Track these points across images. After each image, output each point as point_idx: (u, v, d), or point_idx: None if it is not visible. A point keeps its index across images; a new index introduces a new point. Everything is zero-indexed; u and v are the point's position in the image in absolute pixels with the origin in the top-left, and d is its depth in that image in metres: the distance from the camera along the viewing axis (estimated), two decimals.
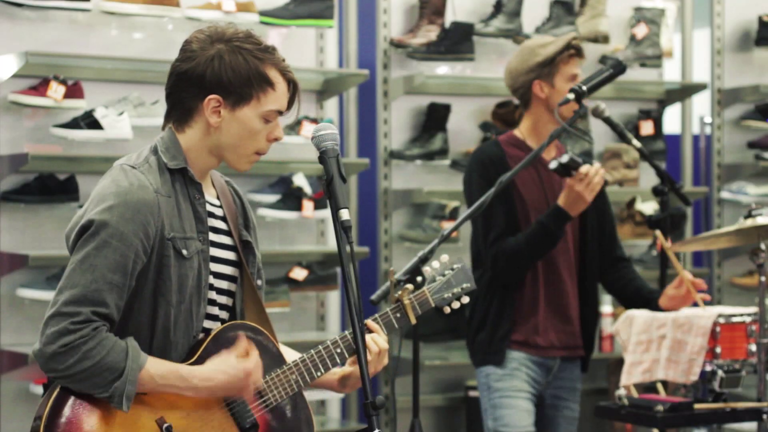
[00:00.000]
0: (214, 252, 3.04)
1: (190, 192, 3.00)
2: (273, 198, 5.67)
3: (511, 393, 4.56)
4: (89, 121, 5.24)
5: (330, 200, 2.88)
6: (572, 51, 4.62)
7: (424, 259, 3.93)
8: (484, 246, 4.57)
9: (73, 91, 5.24)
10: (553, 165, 4.43)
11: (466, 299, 3.35)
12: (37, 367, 5.06)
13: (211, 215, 3.06)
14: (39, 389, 5.00)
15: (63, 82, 5.20)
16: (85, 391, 2.85)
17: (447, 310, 3.33)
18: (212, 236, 3.04)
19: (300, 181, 5.74)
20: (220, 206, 3.10)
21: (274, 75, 2.99)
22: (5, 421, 5.22)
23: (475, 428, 5.83)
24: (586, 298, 4.69)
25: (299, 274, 5.77)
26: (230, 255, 3.09)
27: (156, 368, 2.87)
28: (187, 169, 3.00)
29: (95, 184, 3.01)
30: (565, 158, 4.40)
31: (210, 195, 3.08)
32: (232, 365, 2.95)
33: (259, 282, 3.16)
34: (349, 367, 3.18)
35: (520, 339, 4.58)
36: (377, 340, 3.16)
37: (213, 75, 2.94)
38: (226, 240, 3.08)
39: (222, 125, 2.98)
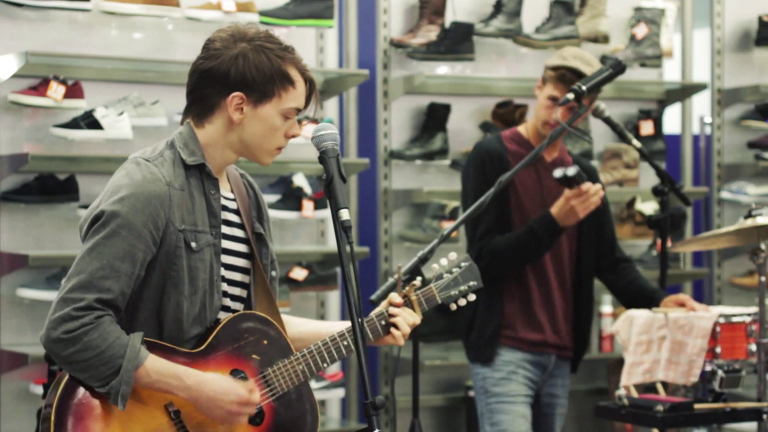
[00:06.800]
0: (227, 245, 3.10)
1: (206, 187, 3.06)
2: (273, 198, 5.67)
3: (508, 398, 4.56)
4: (89, 121, 5.24)
5: (330, 200, 2.90)
6: (555, 74, 4.52)
7: (424, 259, 3.94)
8: (472, 241, 4.57)
9: (73, 91, 5.24)
10: (557, 174, 4.41)
11: (472, 297, 3.33)
12: (37, 367, 5.08)
13: (225, 209, 3.11)
14: (39, 389, 5.00)
15: (63, 82, 5.20)
16: (85, 382, 2.90)
17: (453, 307, 3.31)
18: (225, 229, 3.10)
19: (300, 181, 5.74)
20: (234, 199, 3.15)
21: (294, 73, 3.06)
22: (5, 421, 5.22)
23: (474, 428, 5.82)
24: (579, 301, 4.68)
25: (299, 274, 5.77)
26: (242, 247, 3.14)
27: (153, 365, 2.91)
28: (205, 165, 3.06)
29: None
30: (571, 171, 4.38)
31: (224, 189, 3.14)
32: (231, 384, 2.98)
33: (273, 273, 3.22)
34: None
35: (514, 335, 4.58)
36: (407, 316, 3.20)
37: (237, 73, 3.01)
38: (238, 233, 3.14)
39: (244, 122, 3.05)
